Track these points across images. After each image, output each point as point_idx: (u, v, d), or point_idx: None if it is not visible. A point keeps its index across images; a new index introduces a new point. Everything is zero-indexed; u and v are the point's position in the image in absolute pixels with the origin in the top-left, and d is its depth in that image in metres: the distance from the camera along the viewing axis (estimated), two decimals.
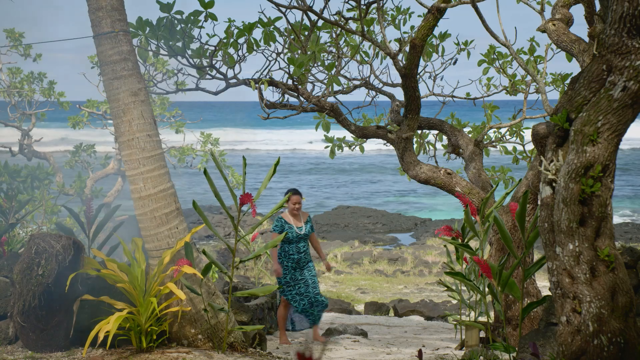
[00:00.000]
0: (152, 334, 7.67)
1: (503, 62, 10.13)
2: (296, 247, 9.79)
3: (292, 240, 9.78)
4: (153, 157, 7.93)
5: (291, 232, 9.73)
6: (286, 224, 9.79)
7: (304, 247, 9.83)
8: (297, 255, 9.78)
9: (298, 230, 9.78)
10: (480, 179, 8.92)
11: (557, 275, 4.95)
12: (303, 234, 9.82)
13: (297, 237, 9.78)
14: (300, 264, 9.81)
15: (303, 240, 9.86)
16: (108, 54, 7.86)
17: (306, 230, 9.86)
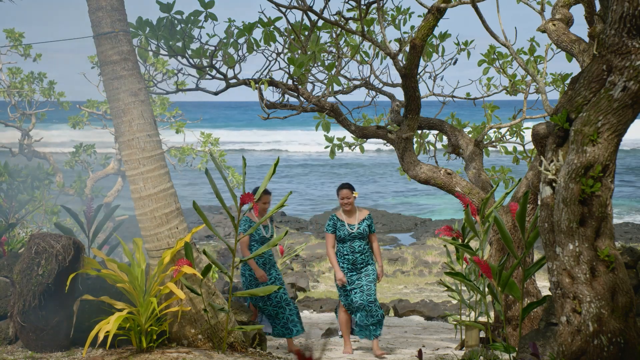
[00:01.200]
0: (152, 334, 7.68)
1: (503, 62, 10.13)
2: (350, 246, 8.96)
3: (345, 239, 8.96)
4: (153, 157, 7.93)
5: (342, 230, 8.95)
6: (338, 222, 9.01)
7: (360, 247, 8.96)
8: (351, 256, 8.95)
9: (350, 228, 8.95)
10: (481, 179, 8.92)
11: (557, 275, 4.95)
12: (357, 233, 8.95)
13: (350, 235, 8.93)
14: (357, 266, 8.94)
15: (359, 239, 8.96)
16: (108, 54, 7.86)
17: (361, 228, 8.98)
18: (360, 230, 8.96)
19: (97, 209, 8.88)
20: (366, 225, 9.02)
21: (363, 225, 9.00)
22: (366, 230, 8.99)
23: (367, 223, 9.03)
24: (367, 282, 8.90)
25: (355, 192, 9.05)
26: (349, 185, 9.07)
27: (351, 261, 8.93)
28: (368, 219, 9.07)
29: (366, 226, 9.02)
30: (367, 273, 8.92)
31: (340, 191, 9.02)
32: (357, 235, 8.93)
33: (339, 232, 8.93)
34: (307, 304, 14.45)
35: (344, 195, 8.97)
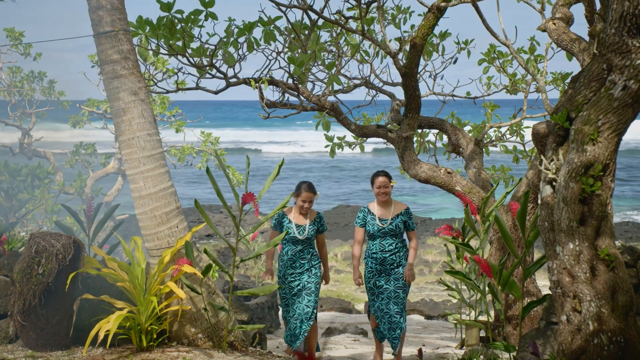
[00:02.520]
0: (153, 333, 7.68)
1: (503, 61, 10.13)
2: (380, 244, 7.95)
3: (374, 235, 8.03)
4: (153, 156, 7.93)
5: (372, 225, 8.00)
6: (369, 214, 8.07)
7: (391, 246, 7.96)
8: (380, 255, 7.96)
9: (381, 222, 7.98)
10: (481, 178, 8.92)
11: (558, 274, 4.95)
12: (388, 229, 7.98)
13: (380, 231, 7.98)
14: (387, 267, 7.94)
15: (391, 236, 7.96)
16: (108, 53, 7.86)
17: (393, 224, 8.01)
18: (392, 227, 7.96)
19: (97, 208, 8.88)
20: (401, 221, 7.99)
21: (397, 221, 7.97)
22: (400, 227, 7.98)
23: (402, 219, 8.00)
24: (395, 287, 7.91)
25: (393, 181, 8.06)
26: (386, 172, 8.13)
27: (379, 261, 7.96)
28: (404, 214, 8.03)
29: (401, 222, 7.99)
30: (397, 277, 7.93)
31: (375, 179, 8.06)
32: (389, 232, 7.95)
33: (369, 226, 8.02)
34: None
35: (380, 184, 7.98)
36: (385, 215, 7.98)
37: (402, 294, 7.90)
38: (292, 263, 8.13)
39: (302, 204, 8.08)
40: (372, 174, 8.13)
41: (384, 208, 8.01)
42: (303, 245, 8.12)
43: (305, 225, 8.13)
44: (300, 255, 8.14)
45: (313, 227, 8.17)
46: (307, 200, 8.08)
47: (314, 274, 8.11)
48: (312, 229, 8.16)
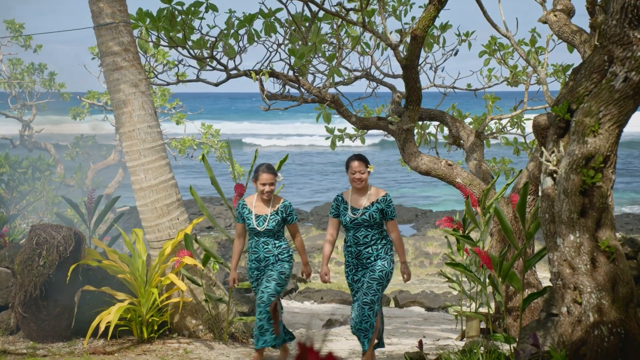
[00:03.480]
0: (153, 324, 7.69)
1: (504, 53, 10.11)
2: (354, 236, 7.07)
3: (347, 227, 7.13)
4: (154, 149, 7.93)
5: (345, 215, 7.11)
6: (342, 203, 7.16)
7: (366, 238, 7.03)
8: (354, 248, 7.07)
9: (353, 212, 7.07)
10: (481, 170, 8.91)
11: (558, 266, 4.95)
12: (361, 219, 7.06)
13: (353, 222, 7.06)
14: (363, 262, 7.06)
15: (365, 227, 7.05)
16: (108, 45, 7.86)
17: (367, 214, 7.06)
18: (365, 217, 7.02)
19: (97, 200, 8.88)
20: (377, 210, 7.04)
21: (371, 210, 7.03)
22: (375, 217, 7.03)
23: (378, 207, 7.05)
24: (369, 279, 7.00)
25: (371, 166, 7.15)
26: (362, 156, 7.17)
27: (355, 254, 7.10)
28: (382, 202, 7.06)
29: (376, 211, 7.04)
30: (373, 268, 7.03)
31: (350, 163, 7.14)
32: (362, 222, 7.03)
33: (342, 217, 7.14)
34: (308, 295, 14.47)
35: (355, 169, 7.07)
36: (358, 203, 7.07)
37: (375, 285, 6.93)
38: (256, 257, 7.20)
39: (262, 187, 7.13)
40: (347, 158, 7.22)
41: (358, 196, 7.11)
42: (267, 237, 7.16)
43: (266, 215, 7.16)
44: (264, 248, 7.17)
45: (276, 217, 7.15)
46: (267, 182, 7.12)
47: (280, 265, 7.16)
48: (275, 219, 7.15)
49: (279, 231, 7.23)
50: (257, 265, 7.23)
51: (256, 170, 7.25)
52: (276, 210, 7.20)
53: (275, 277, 7.12)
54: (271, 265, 7.17)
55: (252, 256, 7.26)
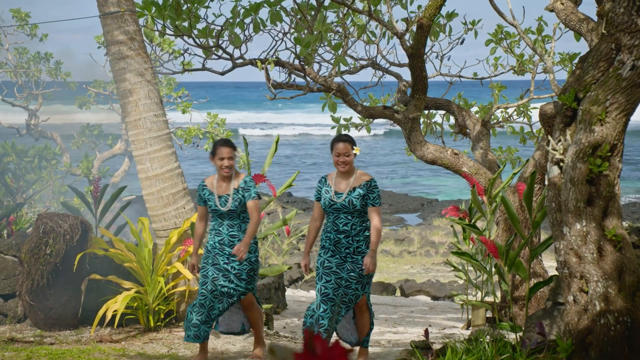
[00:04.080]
0: (160, 313, 7.72)
1: (511, 42, 10.07)
2: (333, 223, 6.46)
3: (327, 211, 6.52)
4: (160, 138, 7.94)
5: (325, 198, 6.52)
6: (324, 185, 6.60)
7: (346, 226, 6.42)
8: (333, 235, 6.45)
9: (334, 197, 6.46)
10: (487, 159, 8.90)
11: (564, 254, 4.95)
12: (340, 205, 6.43)
13: (332, 207, 6.47)
14: (342, 251, 6.42)
15: (345, 213, 6.42)
16: (114, 34, 7.85)
17: (347, 200, 6.43)
18: (344, 202, 6.41)
19: (103, 189, 8.90)
20: (358, 195, 6.41)
21: (353, 195, 6.41)
22: (355, 204, 6.39)
23: (360, 192, 6.42)
24: (348, 276, 6.37)
25: (357, 148, 6.55)
26: (349, 137, 6.58)
27: (333, 242, 6.46)
28: (364, 187, 6.44)
29: (358, 197, 6.41)
30: (352, 266, 6.39)
31: (335, 145, 6.54)
32: (342, 208, 6.42)
33: (322, 200, 6.54)
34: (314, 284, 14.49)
35: (339, 150, 6.47)
36: (342, 187, 6.49)
37: (354, 285, 6.36)
38: (220, 240, 6.66)
39: (220, 162, 6.61)
40: (332, 139, 6.66)
41: (342, 179, 6.53)
42: (230, 219, 6.64)
43: (228, 194, 6.66)
44: (229, 231, 6.66)
45: (238, 195, 6.66)
46: (226, 156, 6.59)
47: (247, 259, 6.67)
48: (238, 197, 6.65)
49: (244, 212, 6.69)
50: (219, 248, 6.69)
51: (214, 145, 6.80)
52: (237, 188, 6.70)
53: (244, 276, 6.66)
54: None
55: (215, 238, 6.70)
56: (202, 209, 6.80)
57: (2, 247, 8.10)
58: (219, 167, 6.67)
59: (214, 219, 6.76)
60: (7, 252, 8.09)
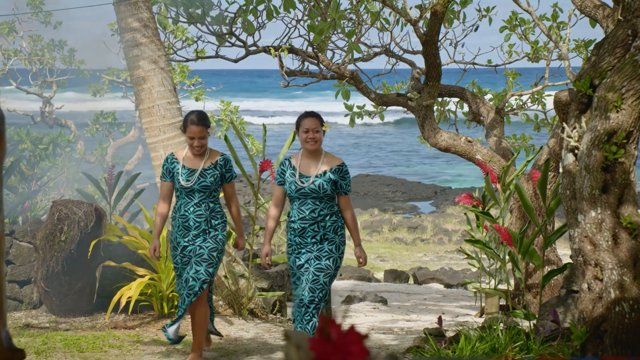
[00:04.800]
0: (174, 299, 7.75)
1: (525, 29, 10.00)
2: (299, 209, 5.90)
3: (292, 197, 5.97)
4: (173, 125, 7.95)
5: (290, 183, 5.94)
6: (289, 169, 6.00)
7: (313, 213, 5.85)
8: (298, 224, 5.89)
9: (301, 180, 5.89)
10: (501, 146, 8.86)
11: (579, 242, 4.93)
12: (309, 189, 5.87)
13: (299, 192, 5.88)
14: (307, 241, 5.87)
15: (313, 199, 5.87)
16: (128, 21, 7.86)
17: (317, 183, 5.87)
18: (314, 187, 5.83)
19: (117, 176, 8.93)
20: (329, 180, 5.86)
21: (323, 180, 5.85)
22: (326, 188, 5.83)
23: (331, 177, 5.87)
24: (314, 269, 5.80)
25: (326, 125, 5.98)
26: (316, 113, 6.02)
27: (298, 232, 5.89)
28: (335, 172, 5.89)
29: (328, 181, 5.85)
30: (319, 255, 5.83)
31: (301, 121, 5.93)
32: (310, 193, 5.84)
33: (287, 185, 5.96)
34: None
35: (307, 126, 5.87)
36: (308, 170, 5.90)
37: (322, 278, 5.77)
38: (184, 222, 6.11)
39: (190, 141, 6.09)
40: (298, 116, 6.03)
41: (309, 161, 5.93)
42: (199, 197, 6.09)
43: (198, 169, 6.12)
44: (195, 211, 6.10)
45: (214, 171, 6.13)
46: (197, 136, 6.06)
47: (213, 237, 6.11)
48: (213, 173, 6.12)
49: (216, 190, 6.16)
50: (184, 234, 6.12)
51: (184, 120, 6.17)
52: (214, 164, 6.16)
53: (206, 256, 6.07)
54: (202, 234, 6.10)
55: (178, 222, 6.13)
56: (168, 186, 6.18)
57: (18, 233, 8.15)
58: (189, 146, 6.16)
59: (180, 198, 6.16)
60: (23, 239, 8.15)
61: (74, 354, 6.46)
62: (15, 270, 8.11)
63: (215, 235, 6.14)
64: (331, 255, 5.87)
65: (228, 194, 6.28)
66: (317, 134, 5.89)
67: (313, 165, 5.93)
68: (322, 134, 5.93)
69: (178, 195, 6.17)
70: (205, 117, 6.16)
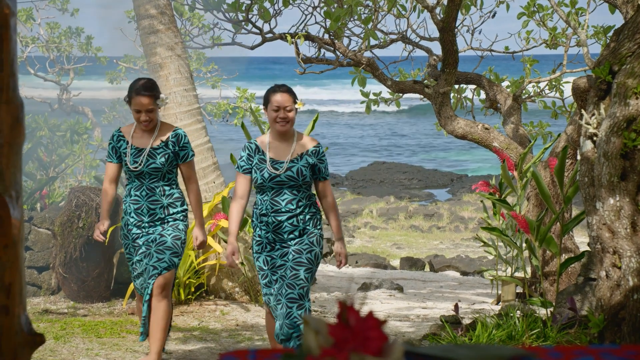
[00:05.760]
0: (191, 286, 7.79)
1: (543, 15, 9.93)
2: (272, 201, 5.08)
3: (264, 187, 5.13)
4: (190, 112, 7.97)
5: (261, 170, 5.12)
6: (257, 154, 5.18)
7: (291, 204, 5.08)
8: (272, 218, 5.09)
9: (274, 166, 5.10)
10: (518, 134, 8.82)
11: (597, 230, 4.91)
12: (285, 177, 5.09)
13: (273, 180, 5.09)
14: (283, 237, 5.10)
15: (290, 188, 5.08)
16: (145, 7, 7.86)
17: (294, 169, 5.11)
18: (292, 173, 5.07)
19: None
20: (306, 164, 5.11)
21: (300, 164, 5.10)
22: (305, 174, 5.09)
23: (309, 161, 5.13)
24: (293, 263, 5.03)
25: (300, 102, 5.19)
26: (287, 87, 5.24)
27: (272, 227, 5.07)
28: (313, 155, 5.15)
29: (306, 165, 5.11)
30: (298, 248, 5.07)
31: (271, 97, 5.14)
32: (287, 181, 5.06)
33: (256, 172, 5.12)
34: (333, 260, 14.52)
35: (279, 103, 5.08)
36: (281, 154, 5.12)
37: (303, 274, 5.01)
38: (136, 209, 5.34)
39: (137, 115, 5.28)
40: (266, 91, 5.25)
41: (280, 144, 5.15)
42: (151, 180, 5.33)
43: (153, 147, 5.32)
44: (148, 196, 5.33)
45: (165, 150, 5.33)
46: (143, 109, 5.23)
47: (173, 226, 5.37)
48: (165, 153, 5.32)
49: (171, 172, 5.37)
50: (136, 221, 5.37)
51: (129, 90, 5.36)
52: (165, 142, 5.34)
53: (170, 244, 5.33)
54: (159, 222, 5.35)
55: (130, 208, 5.37)
56: (113, 168, 5.44)
57: (36, 220, 8.21)
58: (135, 120, 5.37)
59: (130, 181, 5.43)
60: (41, 225, 8.21)
61: (92, 339, 6.52)
62: (34, 257, 8.17)
63: (176, 224, 5.38)
64: (312, 248, 5.11)
65: (185, 175, 5.45)
66: (289, 113, 5.10)
67: (285, 149, 5.14)
68: (294, 113, 5.13)
69: (128, 178, 5.47)
70: (153, 85, 5.29)
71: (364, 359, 1.32)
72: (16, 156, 1.73)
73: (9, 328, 1.67)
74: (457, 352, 1.50)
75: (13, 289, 1.69)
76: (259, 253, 5.17)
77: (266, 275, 5.14)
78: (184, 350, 6.38)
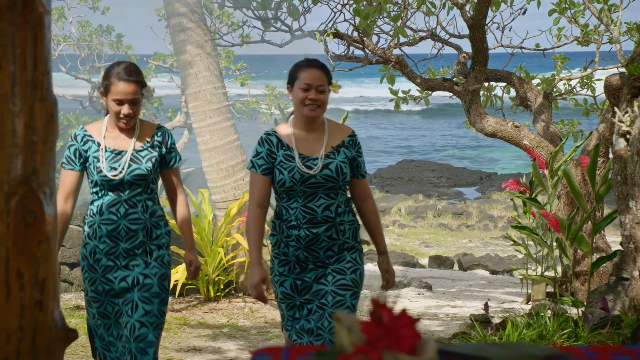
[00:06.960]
0: (220, 283, 7.83)
1: (575, 12, 9.82)
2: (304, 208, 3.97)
3: (293, 191, 3.97)
4: (219, 110, 8.00)
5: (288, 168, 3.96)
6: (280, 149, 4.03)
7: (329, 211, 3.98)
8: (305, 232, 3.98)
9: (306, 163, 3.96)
10: (549, 132, 8.74)
11: (630, 228, 4.85)
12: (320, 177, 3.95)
13: (305, 182, 3.93)
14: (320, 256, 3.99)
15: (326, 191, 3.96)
16: (174, 6, 7.91)
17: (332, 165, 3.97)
18: (330, 172, 3.95)
19: None
20: (345, 159, 4.01)
21: (338, 160, 3.99)
22: (345, 172, 3.99)
23: (347, 154, 4.02)
24: (335, 287, 3.94)
25: (336, 84, 4.02)
26: (320, 63, 4.02)
27: (305, 242, 3.97)
28: (351, 146, 4.05)
29: (344, 161, 4.00)
30: (339, 267, 3.98)
31: (300, 73, 3.95)
32: (324, 182, 3.94)
33: (282, 173, 3.96)
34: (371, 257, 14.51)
35: (309, 81, 3.90)
36: (312, 149, 3.99)
37: (349, 300, 3.93)
38: (110, 231, 4.03)
39: (117, 108, 3.97)
40: (294, 65, 4.03)
41: (309, 135, 4.01)
42: (131, 193, 4.03)
43: (127, 150, 4.05)
44: (128, 214, 4.04)
45: (151, 152, 4.07)
46: (127, 99, 3.95)
47: (158, 259, 4.09)
48: (148, 156, 4.06)
49: (154, 182, 4.10)
50: (109, 248, 4.02)
51: (105, 75, 4.01)
52: (150, 141, 4.09)
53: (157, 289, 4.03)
54: (141, 254, 4.03)
55: (100, 231, 4.04)
56: (73, 177, 4.09)
57: None
58: (114, 115, 3.99)
59: (101, 195, 4.08)
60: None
61: None
62: (66, 253, 8.26)
63: (161, 255, 4.08)
64: (356, 266, 4.02)
65: (171, 184, 4.18)
66: (322, 95, 3.92)
67: (316, 141, 3.99)
68: (327, 96, 3.97)
69: (97, 191, 4.09)
70: (138, 70, 3.99)
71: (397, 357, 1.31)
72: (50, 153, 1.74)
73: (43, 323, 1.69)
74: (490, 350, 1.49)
75: (47, 284, 1.70)
76: (284, 276, 4.05)
77: (293, 305, 4.00)
78: (213, 347, 6.41)
